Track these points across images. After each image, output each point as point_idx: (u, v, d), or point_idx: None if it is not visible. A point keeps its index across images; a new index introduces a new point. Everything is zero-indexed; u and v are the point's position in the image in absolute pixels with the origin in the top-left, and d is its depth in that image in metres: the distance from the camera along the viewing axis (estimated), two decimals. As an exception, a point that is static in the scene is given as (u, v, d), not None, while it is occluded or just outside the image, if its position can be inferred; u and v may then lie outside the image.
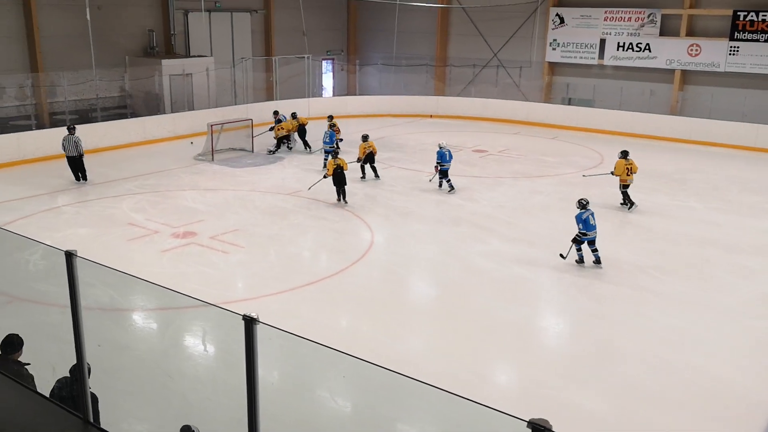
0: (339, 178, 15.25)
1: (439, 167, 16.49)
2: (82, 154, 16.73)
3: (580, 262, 11.90)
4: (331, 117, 20.61)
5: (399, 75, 29.73)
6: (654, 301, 10.62)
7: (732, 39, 23.69)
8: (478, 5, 28.86)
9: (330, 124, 19.56)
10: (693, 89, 25.00)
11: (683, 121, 23.92)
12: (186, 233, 13.21)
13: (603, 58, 26.57)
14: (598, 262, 11.85)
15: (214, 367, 8.79)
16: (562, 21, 27.27)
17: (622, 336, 9.55)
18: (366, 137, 17.48)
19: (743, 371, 8.70)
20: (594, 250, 11.86)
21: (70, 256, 4.10)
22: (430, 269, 12.30)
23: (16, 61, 21.41)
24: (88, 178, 16.86)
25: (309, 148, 21.02)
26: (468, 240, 13.34)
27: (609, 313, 10.34)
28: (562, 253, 11.98)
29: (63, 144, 16.64)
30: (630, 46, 25.89)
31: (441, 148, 16.43)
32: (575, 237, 11.86)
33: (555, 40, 27.57)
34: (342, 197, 15.42)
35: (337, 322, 9.99)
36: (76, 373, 5.29)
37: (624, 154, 15.21)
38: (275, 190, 16.61)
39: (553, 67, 28.06)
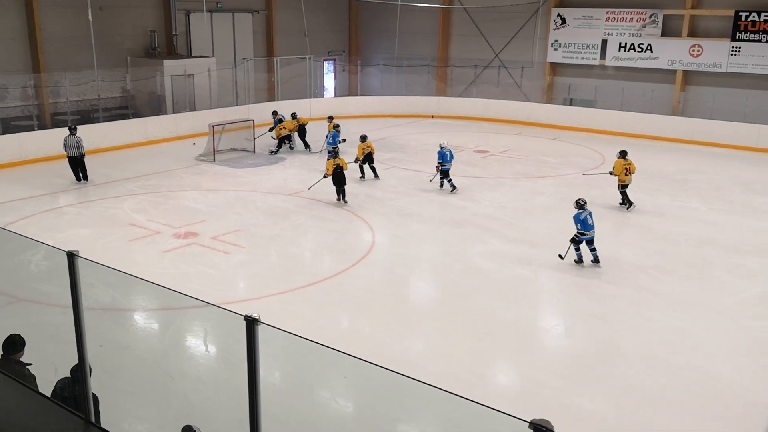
0: (339, 177, 15.30)
1: (440, 167, 16.54)
2: (84, 154, 16.77)
3: (579, 261, 11.92)
4: (331, 118, 20.65)
5: (400, 75, 29.73)
6: (654, 301, 10.63)
7: (734, 39, 23.68)
8: (480, 6, 28.85)
9: (334, 124, 19.60)
10: (695, 90, 24.99)
11: (685, 121, 23.91)
12: (187, 234, 13.24)
13: (604, 59, 26.56)
14: (596, 261, 11.87)
15: (216, 367, 8.81)
16: (563, 21, 27.26)
17: (622, 336, 9.56)
18: (364, 138, 17.52)
19: (743, 371, 8.71)
20: (593, 249, 11.89)
21: (71, 257, 4.11)
22: (431, 270, 12.32)
23: (18, 62, 21.45)
24: (89, 179, 16.89)
25: (309, 149, 21.05)
26: (469, 240, 13.35)
27: (609, 313, 10.35)
28: (560, 253, 12.01)
29: (64, 144, 16.67)
30: (631, 47, 25.87)
31: (442, 148, 16.46)
32: (573, 237, 11.89)
33: (556, 41, 27.56)
34: (342, 197, 15.45)
35: (338, 322, 10.01)
36: (76, 373, 5.31)
37: (622, 154, 15.24)
38: (276, 190, 16.62)
39: (555, 67, 28.05)
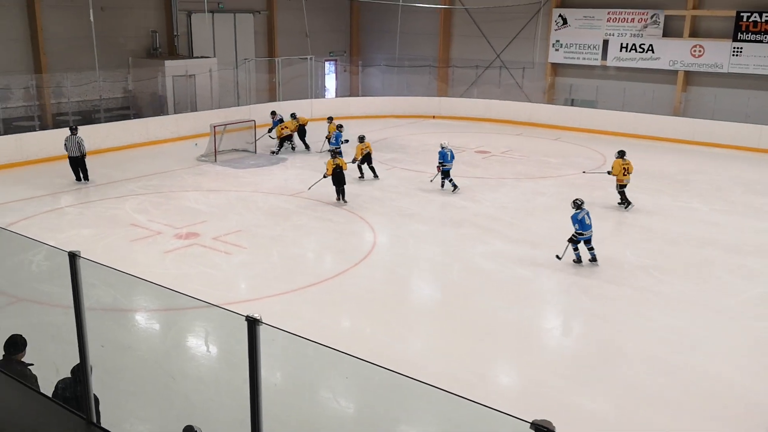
0: (338, 177, 15.37)
1: (441, 167, 16.56)
2: (85, 154, 16.78)
3: (578, 261, 11.93)
4: (331, 118, 20.69)
5: (402, 76, 29.74)
6: (654, 301, 10.63)
7: (735, 40, 23.66)
8: (481, 6, 28.85)
9: (337, 125, 19.63)
10: (696, 90, 24.97)
11: (686, 122, 23.89)
12: (189, 234, 13.25)
13: (606, 59, 26.54)
14: (594, 260, 11.92)
15: (217, 367, 8.82)
16: (565, 22, 27.25)
17: (623, 336, 9.56)
18: (362, 138, 17.56)
19: (743, 371, 8.71)
20: (590, 248, 11.93)
21: (73, 257, 4.12)
22: (432, 270, 12.33)
23: (20, 63, 21.47)
24: (90, 179, 16.91)
25: (308, 149, 21.08)
26: (470, 241, 13.36)
27: (610, 313, 10.35)
28: (557, 254, 12.02)
29: (65, 144, 16.68)
30: (633, 47, 25.86)
31: (443, 148, 16.48)
32: (571, 237, 11.91)
33: (558, 41, 27.56)
34: (341, 197, 15.49)
35: (339, 322, 10.02)
36: (76, 373, 5.33)
37: (621, 154, 15.29)
38: (278, 191, 16.64)
39: (556, 68, 28.04)
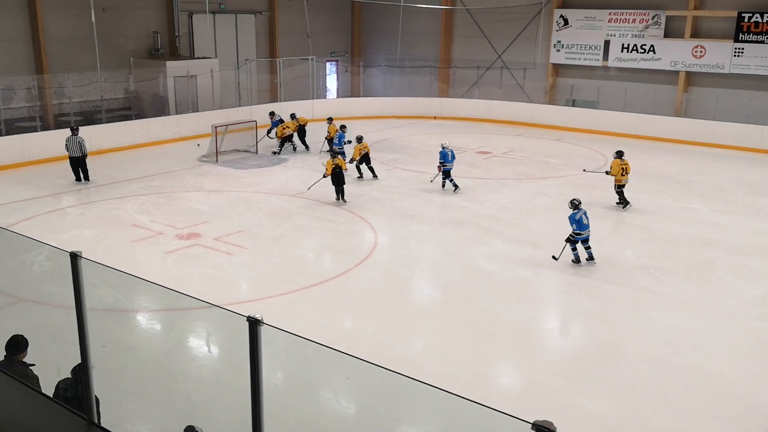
0: (338, 177, 15.42)
1: (441, 167, 16.57)
2: (86, 155, 16.80)
3: (577, 261, 11.95)
4: (331, 119, 20.70)
5: (403, 77, 29.74)
6: (655, 302, 10.63)
7: (736, 40, 23.65)
8: (482, 7, 28.85)
9: (340, 125, 19.64)
10: (697, 91, 24.96)
11: (687, 122, 23.88)
12: (190, 235, 13.26)
13: (607, 60, 26.53)
14: (591, 258, 11.96)
15: (218, 368, 8.82)
16: (566, 22, 27.25)
17: (623, 336, 9.56)
18: (360, 138, 17.60)
19: (743, 371, 8.70)
20: (587, 247, 11.97)
21: (75, 258, 4.13)
22: (433, 270, 12.33)
23: (21, 63, 21.50)
24: (90, 179, 16.93)
25: (308, 149, 21.09)
26: (471, 241, 13.37)
27: (610, 313, 10.35)
28: (554, 255, 12.03)
29: (66, 144, 16.70)
30: (634, 48, 25.85)
31: (444, 148, 16.51)
32: (569, 237, 11.93)
33: (559, 42, 27.55)
34: (341, 196, 15.52)
35: (340, 323, 10.02)
36: (77, 373, 5.33)
37: (619, 154, 15.34)
38: (279, 191, 16.65)
39: (557, 68, 28.04)
